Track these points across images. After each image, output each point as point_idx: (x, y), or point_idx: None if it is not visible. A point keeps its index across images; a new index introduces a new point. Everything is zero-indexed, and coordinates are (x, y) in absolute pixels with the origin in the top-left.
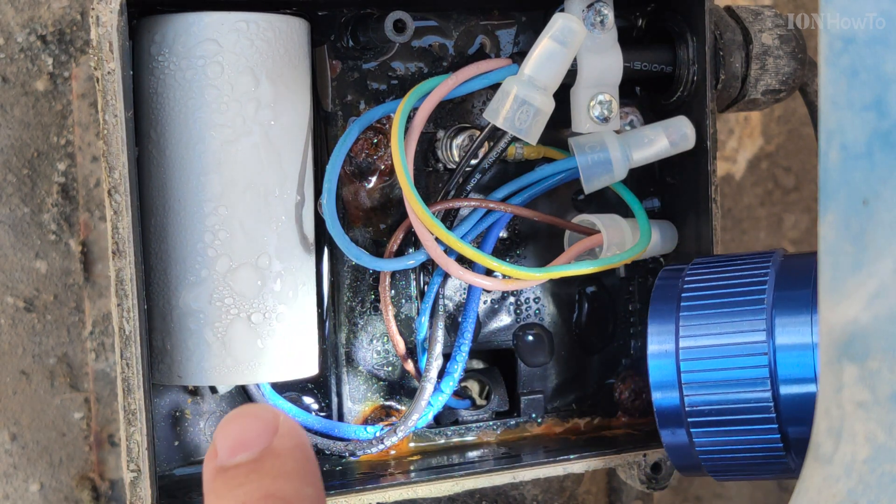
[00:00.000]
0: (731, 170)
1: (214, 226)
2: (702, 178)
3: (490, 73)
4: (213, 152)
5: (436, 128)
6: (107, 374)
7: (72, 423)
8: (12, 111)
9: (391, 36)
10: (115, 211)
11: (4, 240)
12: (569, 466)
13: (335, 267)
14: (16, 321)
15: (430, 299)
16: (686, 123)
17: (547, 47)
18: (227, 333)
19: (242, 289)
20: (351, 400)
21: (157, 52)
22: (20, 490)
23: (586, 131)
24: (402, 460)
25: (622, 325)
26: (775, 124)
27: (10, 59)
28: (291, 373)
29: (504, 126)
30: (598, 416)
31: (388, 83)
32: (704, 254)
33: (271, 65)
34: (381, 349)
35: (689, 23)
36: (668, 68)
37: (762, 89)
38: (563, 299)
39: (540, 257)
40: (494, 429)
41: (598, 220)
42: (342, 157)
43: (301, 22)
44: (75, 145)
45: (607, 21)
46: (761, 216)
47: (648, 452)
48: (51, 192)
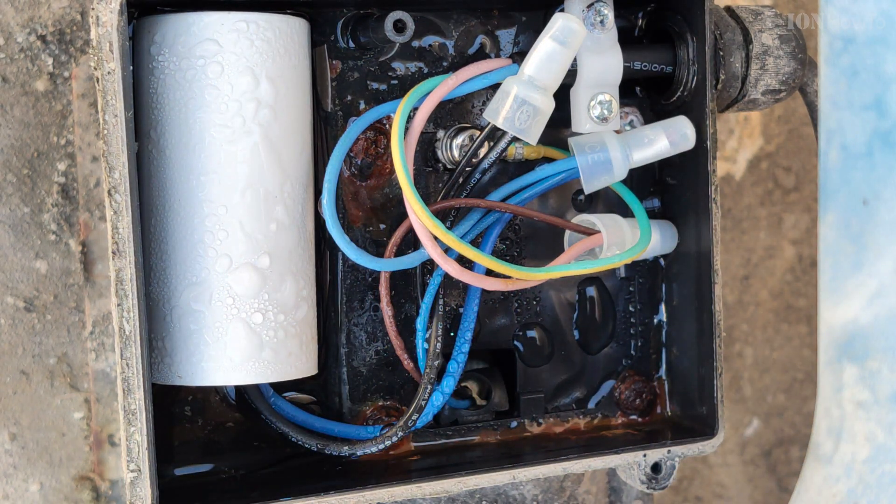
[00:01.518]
0: (731, 170)
1: (214, 226)
2: (702, 178)
3: (490, 73)
4: (213, 152)
5: (436, 128)
6: (107, 374)
7: (72, 423)
8: (12, 111)
9: (391, 36)
10: (115, 211)
11: (4, 240)
12: (569, 466)
13: (335, 267)
14: (16, 321)
15: (430, 299)
16: (686, 123)
17: (547, 47)
18: (227, 333)
19: (242, 289)
20: (351, 400)
21: (157, 52)
22: (20, 490)
23: (586, 131)
24: (402, 460)
25: (622, 325)
26: (775, 124)
27: (10, 59)
28: (291, 373)
29: (504, 126)
30: (598, 416)
31: (388, 83)
32: (704, 254)
33: (271, 65)
34: (381, 349)
35: (689, 23)
36: (668, 68)
37: (762, 89)
38: (563, 299)
39: (540, 257)
40: (494, 429)
41: (598, 220)
42: (342, 157)
43: (301, 22)
44: (75, 145)
45: (607, 21)
46: (761, 216)
47: (648, 452)
48: (51, 192)
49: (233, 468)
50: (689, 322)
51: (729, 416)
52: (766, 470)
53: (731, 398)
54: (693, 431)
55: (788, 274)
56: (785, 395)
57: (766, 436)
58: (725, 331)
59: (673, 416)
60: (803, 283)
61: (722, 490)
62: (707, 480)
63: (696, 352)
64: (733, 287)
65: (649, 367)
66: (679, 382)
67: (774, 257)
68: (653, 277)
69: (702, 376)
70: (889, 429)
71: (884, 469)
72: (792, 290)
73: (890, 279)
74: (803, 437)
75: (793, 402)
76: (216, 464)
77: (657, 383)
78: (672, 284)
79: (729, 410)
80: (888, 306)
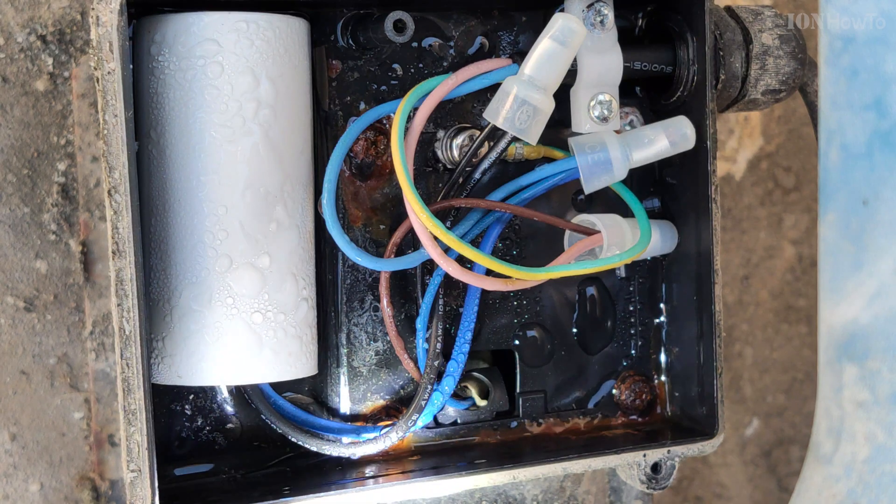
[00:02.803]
0: (731, 170)
1: (214, 226)
2: (702, 178)
3: (490, 73)
4: (213, 152)
5: (436, 128)
6: (107, 374)
7: (72, 423)
8: (12, 111)
9: (391, 36)
10: (115, 211)
11: (4, 240)
12: (569, 466)
13: (335, 267)
14: (16, 321)
15: (430, 299)
16: (686, 123)
17: (547, 47)
18: (227, 333)
19: (242, 289)
20: (351, 400)
21: (157, 52)
22: (20, 490)
23: (586, 131)
24: (402, 460)
25: (622, 325)
26: (775, 124)
27: (10, 59)
28: (291, 373)
29: (504, 126)
30: (598, 416)
31: (388, 83)
32: (704, 254)
33: (271, 65)
34: (381, 349)
35: (689, 23)
36: (668, 68)
37: (762, 89)
38: (563, 299)
39: (540, 257)
40: (494, 429)
41: (598, 220)
42: (342, 157)
43: (301, 22)
44: (75, 145)
45: (607, 21)
46: (761, 216)
47: (648, 452)
48: (51, 192)
49: (233, 468)
50: (689, 322)
51: (729, 416)
52: (766, 470)
53: (731, 398)
54: (693, 431)
55: (788, 274)
56: (785, 395)
57: (766, 436)
58: (725, 331)
59: (673, 417)
60: (803, 283)
61: (722, 490)
62: (707, 480)
63: (696, 352)
64: (733, 287)
65: (649, 367)
66: (679, 382)
67: (774, 257)
68: (653, 277)
69: (702, 376)
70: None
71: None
72: (792, 290)
73: (890, 279)
74: (803, 437)
75: (793, 402)
76: (216, 464)
77: (657, 383)
78: (672, 284)
79: (729, 410)
80: (888, 306)
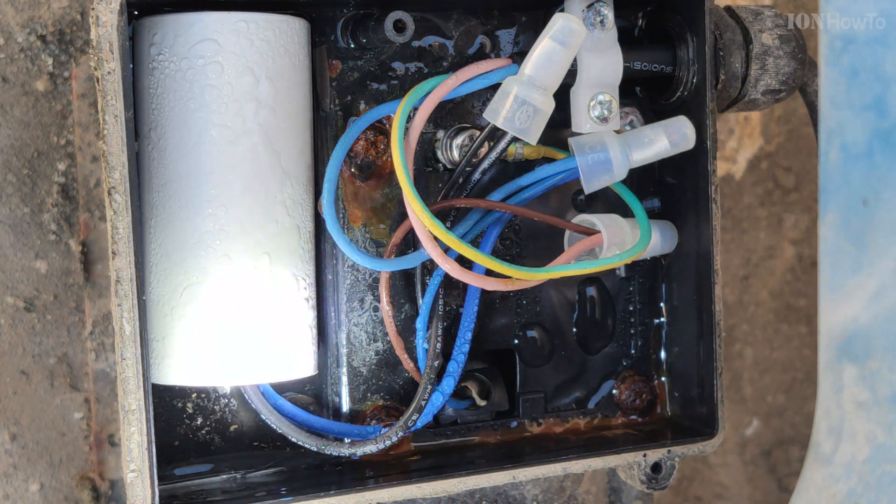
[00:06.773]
0: (731, 170)
1: (214, 226)
2: (702, 178)
3: (490, 73)
4: (212, 152)
5: (436, 128)
6: (107, 374)
7: (72, 423)
8: (12, 111)
9: (391, 36)
10: (115, 211)
11: (4, 240)
12: (569, 466)
13: (335, 267)
14: (16, 321)
15: (430, 299)
16: (686, 123)
17: (547, 47)
18: (227, 334)
19: (242, 289)
20: (351, 400)
21: (156, 52)
22: (20, 490)
23: (586, 131)
24: (402, 460)
25: (622, 325)
26: (775, 124)
27: (10, 59)
28: (291, 373)
29: (504, 126)
30: (598, 416)
31: (388, 83)
32: (704, 254)
33: (271, 65)
34: (381, 349)
35: (689, 23)
36: (668, 68)
37: (762, 89)
38: (563, 299)
39: (540, 257)
40: (494, 429)
41: (598, 220)
42: (342, 157)
43: (301, 22)
44: (75, 145)
45: (607, 21)
46: (761, 216)
47: (648, 452)
48: (51, 192)
49: (233, 468)
50: (689, 322)
51: (729, 416)
52: (766, 470)
53: (731, 398)
54: (693, 431)
55: (788, 274)
56: (785, 395)
57: (766, 436)
58: (725, 331)
59: (673, 416)
60: (803, 283)
61: (722, 490)
62: (707, 480)
63: (696, 352)
64: (733, 287)
65: (649, 367)
66: (679, 382)
67: (774, 257)
68: (653, 277)
69: (702, 376)
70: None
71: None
72: (792, 290)
73: (890, 279)
74: (803, 437)
75: (793, 402)
76: (216, 464)
77: (657, 383)
78: (672, 284)
79: (729, 410)
80: (888, 306)
